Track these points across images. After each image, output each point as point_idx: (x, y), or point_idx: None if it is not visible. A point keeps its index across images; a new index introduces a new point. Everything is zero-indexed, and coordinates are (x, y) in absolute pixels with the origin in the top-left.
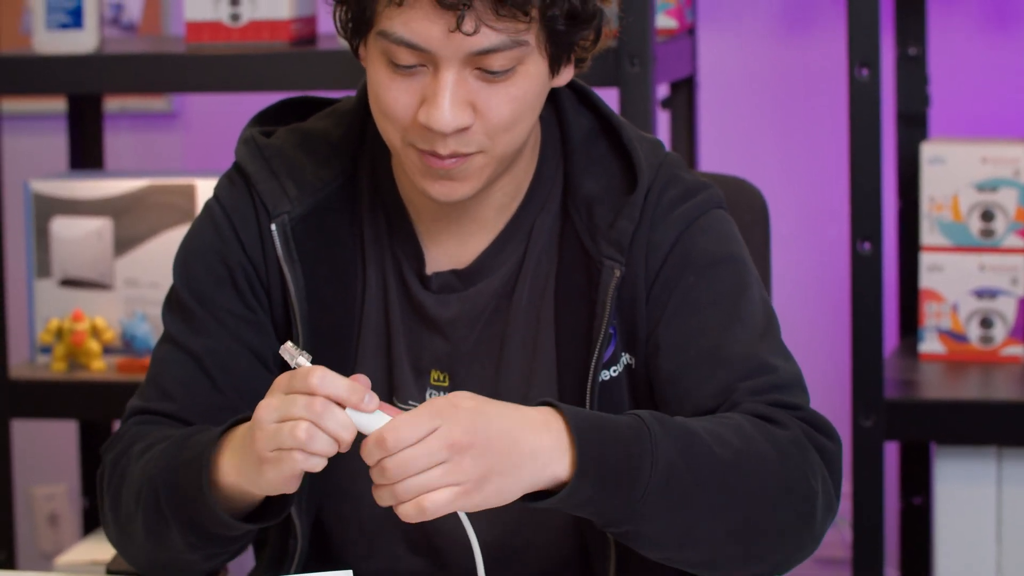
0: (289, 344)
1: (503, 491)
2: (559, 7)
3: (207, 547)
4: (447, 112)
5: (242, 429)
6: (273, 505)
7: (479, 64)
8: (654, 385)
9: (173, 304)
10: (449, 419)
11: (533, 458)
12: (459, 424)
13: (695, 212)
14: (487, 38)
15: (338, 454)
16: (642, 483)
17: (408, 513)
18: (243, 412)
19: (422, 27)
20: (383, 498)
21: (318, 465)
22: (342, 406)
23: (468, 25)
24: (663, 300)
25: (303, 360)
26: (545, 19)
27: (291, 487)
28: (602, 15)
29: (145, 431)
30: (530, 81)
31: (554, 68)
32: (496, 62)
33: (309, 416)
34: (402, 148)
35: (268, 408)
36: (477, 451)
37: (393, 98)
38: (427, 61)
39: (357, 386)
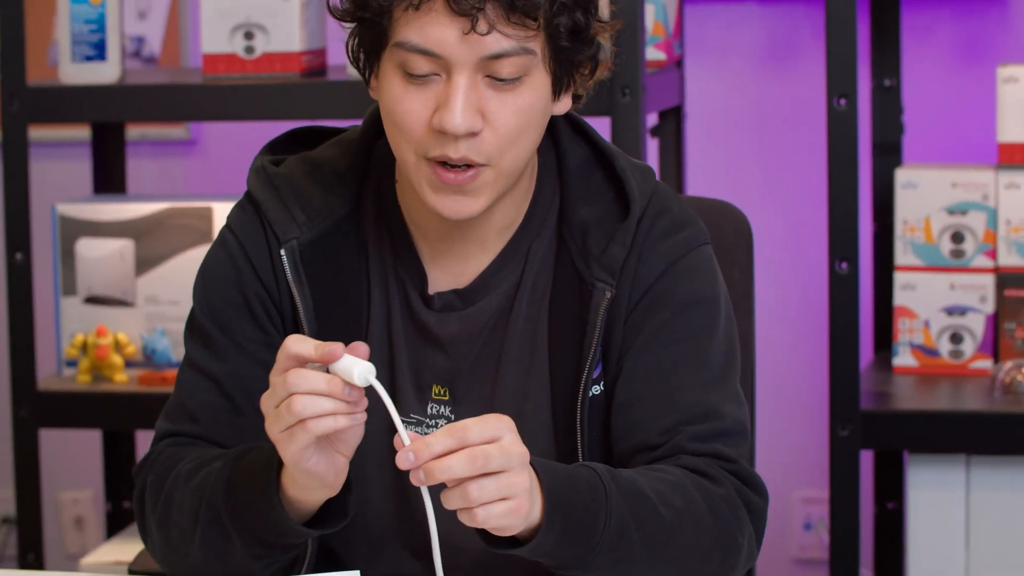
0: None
1: (520, 519)
2: (564, 16)
3: (271, 556)
4: (459, 114)
5: None
6: (333, 509)
7: (489, 71)
8: (611, 409)
9: (195, 331)
10: (516, 433)
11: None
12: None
13: (682, 249)
14: (498, 43)
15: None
16: (596, 537)
17: (467, 519)
18: (263, 429)
19: (437, 32)
20: (451, 500)
21: (330, 425)
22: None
23: (482, 26)
24: (637, 329)
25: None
26: (551, 28)
27: (312, 460)
28: (599, 47)
29: (181, 452)
30: (535, 94)
31: (556, 89)
32: (505, 68)
33: (291, 391)
34: (415, 163)
35: (264, 400)
36: (528, 471)
37: (406, 108)
38: (440, 69)
39: (318, 343)
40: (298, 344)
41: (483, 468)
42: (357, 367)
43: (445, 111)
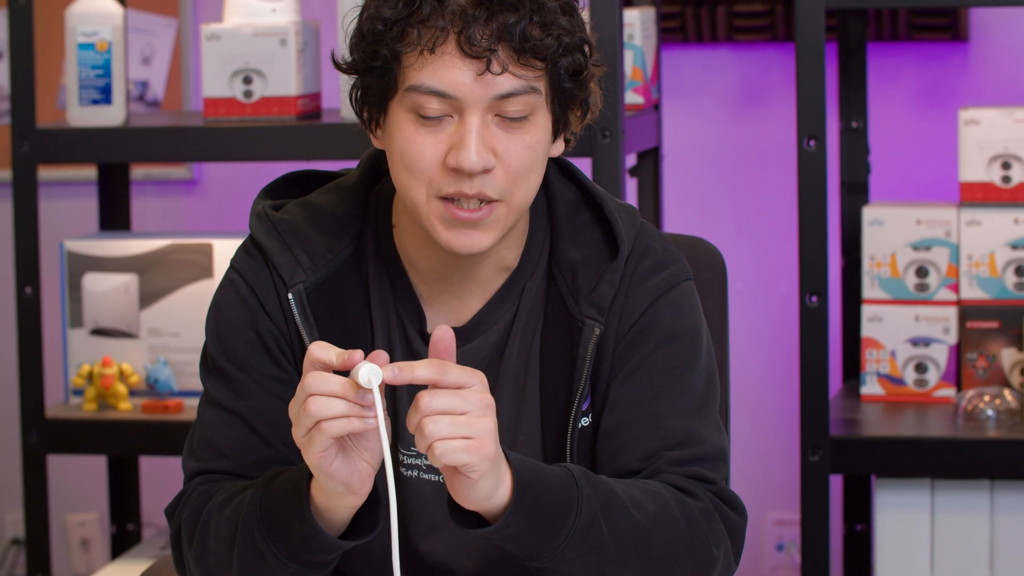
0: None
1: (485, 482)
2: (567, 58)
3: (305, 573)
4: (474, 152)
5: None
6: (362, 522)
7: (499, 110)
8: (597, 435)
9: (213, 371)
10: (487, 388)
11: (498, 473)
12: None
13: (665, 285)
14: (508, 82)
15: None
16: (567, 528)
17: (431, 458)
18: (291, 461)
19: (451, 75)
20: (419, 442)
21: (344, 427)
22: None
23: (495, 67)
24: (623, 360)
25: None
26: (554, 69)
27: (334, 464)
28: (590, 94)
29: (213, 488)
30: (540, 132)
31: (555, 129)
32: (514, 107)
33: (308, 391)
34: (426, 203)
35: (291, 405)
36: (491, 418)
37: (419, 151)
38: (453, 110)
39: (339, 350)
40: (322, 351)
41: (427, 408)
42: (363, 368)
43: (461, 150)
